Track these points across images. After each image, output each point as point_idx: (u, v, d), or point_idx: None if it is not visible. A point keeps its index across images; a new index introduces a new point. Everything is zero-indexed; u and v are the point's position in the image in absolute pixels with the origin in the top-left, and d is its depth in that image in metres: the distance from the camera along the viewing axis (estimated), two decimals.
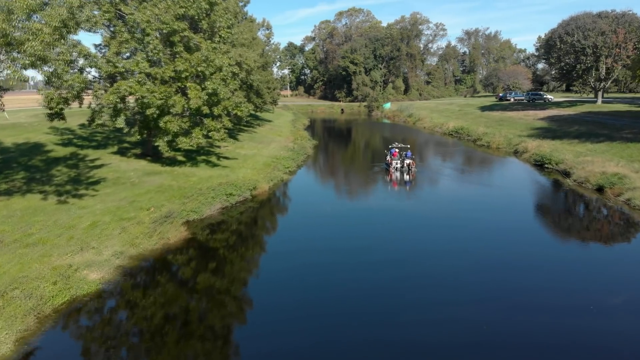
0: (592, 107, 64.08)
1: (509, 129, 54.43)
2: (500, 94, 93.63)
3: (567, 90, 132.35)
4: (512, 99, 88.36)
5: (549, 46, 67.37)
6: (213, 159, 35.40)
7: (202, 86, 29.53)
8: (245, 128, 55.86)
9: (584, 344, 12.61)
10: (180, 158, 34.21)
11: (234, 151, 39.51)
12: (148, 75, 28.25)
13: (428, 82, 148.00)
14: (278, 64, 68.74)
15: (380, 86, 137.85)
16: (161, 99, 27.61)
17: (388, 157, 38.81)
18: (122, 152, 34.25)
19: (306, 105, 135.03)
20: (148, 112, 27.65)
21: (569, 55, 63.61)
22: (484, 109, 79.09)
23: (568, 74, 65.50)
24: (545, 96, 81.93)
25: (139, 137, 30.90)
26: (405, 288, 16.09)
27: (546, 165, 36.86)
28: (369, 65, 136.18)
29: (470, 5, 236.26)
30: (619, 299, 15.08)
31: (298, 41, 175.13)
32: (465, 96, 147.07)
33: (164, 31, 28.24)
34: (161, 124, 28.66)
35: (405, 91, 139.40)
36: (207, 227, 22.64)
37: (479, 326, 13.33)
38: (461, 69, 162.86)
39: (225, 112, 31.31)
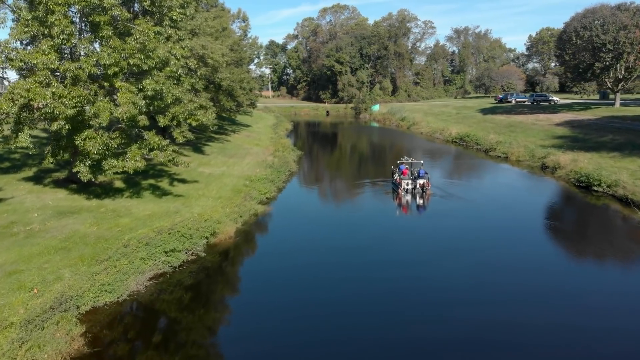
0: (612, 110, 56.78)
1: (525, 137, 46.67)
2: (500, 96, 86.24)
3: (562, 91, 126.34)
4: (513, 101, 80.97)
5: (562, 41, 59.82)
6: (164, 183, 26.64)
7: (139, 86, 20.88)
8: (216, 136, 47.10)
9: None
10: (118, 184, 25.40)
11: (196, 170, 30.76)
12: (55, 71, 19.49)
13: (416, 83, 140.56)
14: (256, 61, 59.47)
15: (367, 87, 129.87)
16: (74, 107, 18.88)
17: (396, 176, 30.69)
18: (38, 178, 25.29)
19: (289, 107, 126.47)
20: (54, 126, 18.90)
21: (586, 51, 56.14)
22: (485, 112, 71.48)
23: (584, 72, 58.02)
24: (551, 98, 74.65)
25: (51, 160, 21.87)
26: None
27: (594, 188, 28.93)
28: (355, 65, 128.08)
29: (451, 7, 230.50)
30: None
31: (280, 40, 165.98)
32: (455, 97, 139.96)
33: (80, 7, 19.50)
34: (78, 142, 19.89)
35: (393, 92, 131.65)
36: (121, 322, 13.85)
37: None
38: (450, 68, 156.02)
39: (175, 121, 22.69)
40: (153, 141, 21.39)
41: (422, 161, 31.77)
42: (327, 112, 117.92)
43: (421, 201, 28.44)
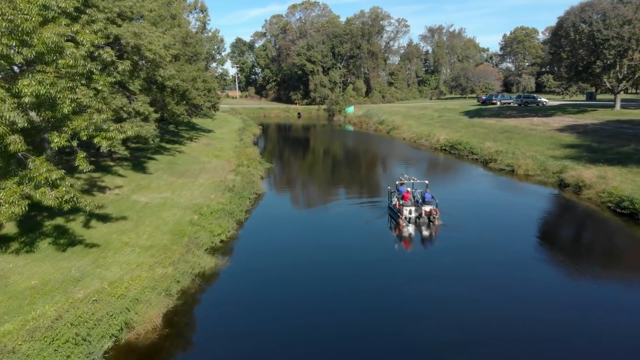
0: (614, 113, 51.61)
1: (528, 146, 40.67)
2: (484, 97, 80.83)
3: (538, 91, 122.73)
4: (498, 103, 75.65)
5: (557, 38, 54.30)
6: (77, 223, 19.05)
7: (16, 88, 13.41)
8: (168, 146, 39.42)
9: None
10: (8, 228, 17.74)
11: (128, 198, 23.20)
12: None
13: (391, 84, 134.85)
14: (218, 58, 51.86)
15: (340, 87, 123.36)
16: None
17: (394, 200, 24.12)
18: None
19: (258, 108, 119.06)
20: None
21: (585, 48, 50.77)
22: (470, 114, 65.75)
23: (583, 71, 52.64)
24: (539, 99, 69.51)
25: None
26: None
27: None
28: (327, 64, 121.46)
29: (420, 7, 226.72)
30: None
31: (248, 38, 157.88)
32: (430, 98, 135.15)
33: None
34: None
35: (367, 93, 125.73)
36: None
37: None
38: (424, 69, 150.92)
39: (76, 141, 15.23)
40: (39, 173, 13.85)
41: (427, 181, 24.94)
42: (299, 114, 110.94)
43: (427, 233, 22.01)
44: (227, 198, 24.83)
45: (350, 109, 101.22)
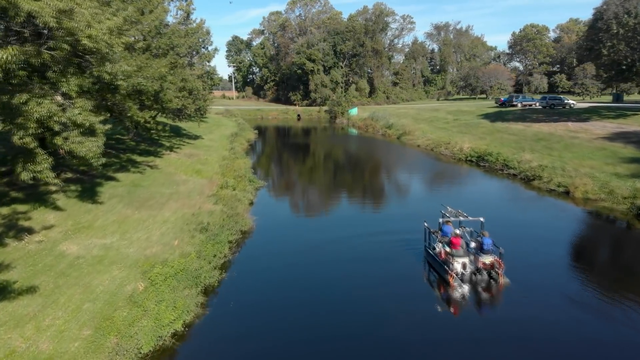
0: None
1: (576, 159, 33.60)
2: (503, 98, 73.55)
3: (551, 91, 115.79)
4: (519, 105, 68.49)
5: (596, 31, 47.11)
6: None
7: None
8: (139, 159, 32.28)
9: None
10: None
11: (54, 248, 15.99)
12: None
13: (395, 84, 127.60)
14: (203, 52, 44.72)
15: (342, 88, 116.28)
16: None
17: (438, 247, 17.04)
18: None
19: (255, 109, 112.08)
20: None
21: (630, 42, 43.66)
22: (491, 118, 58.60)
23: (628, 70, 45.53)
24: (566, 101, 62.24)
25: None
26: None
27: None
28: (329, 63, 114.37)
29: (420, 7, 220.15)
30: None
31: (245, 36, 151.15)
32: (437, 99, 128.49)
33: None
34: None
35: (370, 93, 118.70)
36: None
37: None
38: (430, 68, 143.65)
39: None
40: None
41: (482, 218, 17.43)
42: (299, 115, 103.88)
43: (486, 295, 15.13)
44: (196, 244, 17.67)
45: (354, 111, 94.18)
